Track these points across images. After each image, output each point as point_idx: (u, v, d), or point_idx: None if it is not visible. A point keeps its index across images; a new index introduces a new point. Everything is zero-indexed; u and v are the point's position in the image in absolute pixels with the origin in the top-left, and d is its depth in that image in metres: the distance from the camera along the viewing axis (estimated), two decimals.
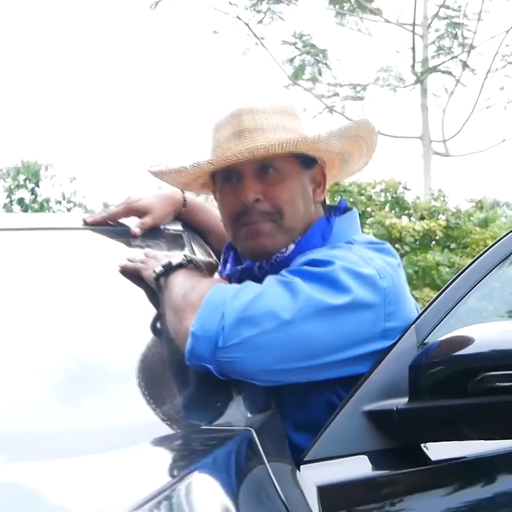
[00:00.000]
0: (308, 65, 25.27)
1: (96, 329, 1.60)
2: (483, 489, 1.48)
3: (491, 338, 1.41)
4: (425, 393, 1.42)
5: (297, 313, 1.44)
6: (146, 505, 0.92)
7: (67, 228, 2.01)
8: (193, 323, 1.44)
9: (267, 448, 1.21)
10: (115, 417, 1.31)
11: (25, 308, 1.64)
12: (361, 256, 1.56)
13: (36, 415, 1.33)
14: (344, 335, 1.47)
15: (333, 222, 1.70)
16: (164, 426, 1.33)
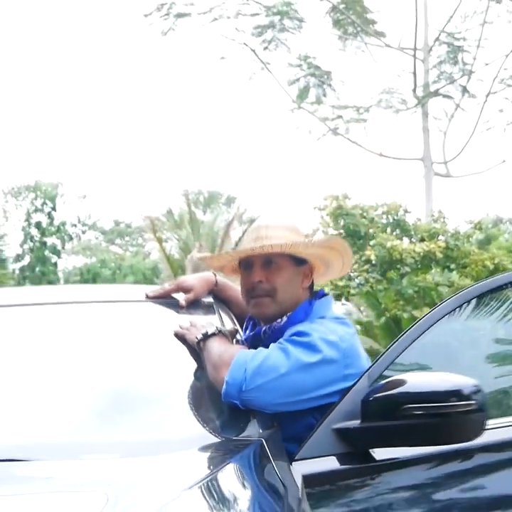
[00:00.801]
0: (313, 87, 25.99)
1: (155, 372, 2.46)
2: (408, 477, 2.34)
3: (412, 382, 2.26)
4: (370, 417, 2.27)
5: (289, 368, 2.32)
6: (195, 486, 1.70)
7: (135, 301, 2.88)
8: (227, 375, 2.30)
9: (272, 451, 2.06)
10: (173, 431, 2.16)
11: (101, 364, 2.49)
12: (329, 328, 2.46)
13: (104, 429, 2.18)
14: (319, 380, 2.34)
15: (314, 304, 2.61)
16: (208, 438, 2.16)
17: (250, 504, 1.70)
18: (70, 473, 1.84)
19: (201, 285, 2.86)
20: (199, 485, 1.69)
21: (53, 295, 3.24)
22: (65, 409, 2.25)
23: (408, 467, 2.34)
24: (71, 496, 1.65)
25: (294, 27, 25.38)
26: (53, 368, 2.44)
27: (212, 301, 2.86)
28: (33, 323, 2.72)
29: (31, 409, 2.24)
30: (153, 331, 2.69)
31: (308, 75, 25.73)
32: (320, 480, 2.24)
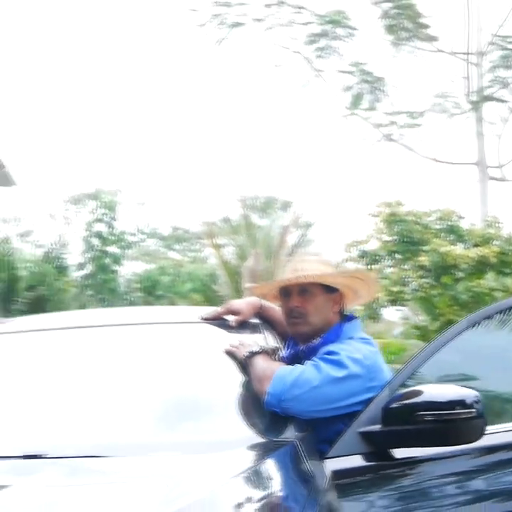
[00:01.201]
0: (366, 93, 26.29)
1: (209, 384, 2.94)
2: (422, 473, 2.78)
3: (424, 393, 2.70)
4: (390, 422, 2.71)
5: (321, 382, 2.77)
6: (241, 475, 2.18)
7: (192, 322, 3.37)
8: (269, 387, 2.76)
9: (304, 450, 2.51)
10: (226, 433, 2.63)
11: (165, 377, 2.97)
12: (355, 347, 2.91)
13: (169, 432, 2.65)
14: (345, 391, 2.80)
15: (343, 326, 3.07)
16: (253, 439, 2.62)
17: (282, 488, 2.18)
18: (141, 467, 2.32)
19: (248, 308, 3.34)
20: (243, 474, 2.18)
21: (119, 317, 3.75)
22: (137, 416, 2.74)
23: (422, 464, 2.78)
24: (140, 485, 2.11)
25: (346, 35, 25.73)
26: (126, 381, 2.93)
27: (258, 322, 3.34)
28: (109, 343, 3.23)
29: (109, 416, 2.73)
30: (208, 348, 3.16)
31: (361, 81, 26.01)
32: (347, 475, 2.68)
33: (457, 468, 2.81)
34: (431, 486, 2.77)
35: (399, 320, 27.25)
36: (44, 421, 2.72)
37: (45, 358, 3.13)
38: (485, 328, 3.06)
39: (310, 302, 3.09)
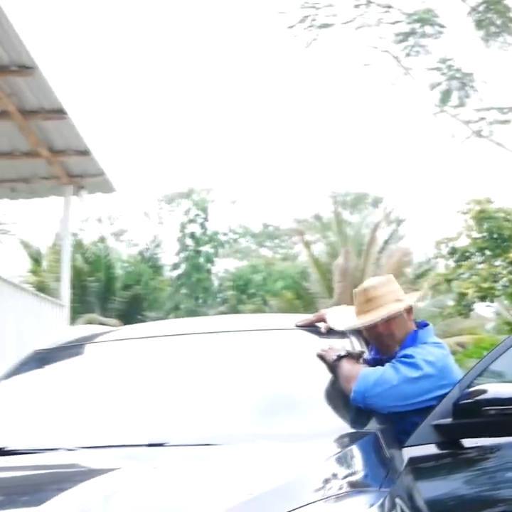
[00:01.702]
0: (455, 90, 26.28)
1: (304, 383, 3.43)
2: (489, 460, 3.21)
3: (489, 391, 3.13)
4: (460, 415, 3.14)
5: (399, 381, 3.22)
6: (332, 457, 2.67)
7: (288, 329, 3.85)
8: (354, 386, 3.22)
9: (384, 439, 2.97)
10: (320, 425, 3.10)
11: (266, 376, 3.47)
12: (428, 351, 3.36)
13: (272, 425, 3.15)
14: (420, 389, 3.24)
15: (418, 333, 3.51)
16: (343, 429, 3.08)
17: (363, 469, 2.68)
18: (245, 453, 2.81)
19: None
20: (332, 458, 2.67)
21: (226, 325, 4.28)
22: (242, 411, 3.25)
23: (488, 452, 3.21)
24: (243, 468, 2.60)
25: (435, 33, 25.78)
26: (233, 381, 3.44)
27: None
28: (217, 347, 3.74)
29: (219, 411, 3.25)
30: (302, 351, 3.64)
31: (450, 78, 26.00)
32: (422, 461, 3.13)
33: None
34: (495, 470, 3.19)
35: (491, 315, 27.27)
36: (166, 416, 3.25)
37: (163, 361, 3.67)
38: None
39: (393, 324, 3.53)
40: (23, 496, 2.55)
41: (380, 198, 49.45)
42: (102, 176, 13.00)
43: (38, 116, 11.34)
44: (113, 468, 2.71)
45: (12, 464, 2.93)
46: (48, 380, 3.83)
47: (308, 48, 26.43)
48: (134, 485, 2.50)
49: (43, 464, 2.92)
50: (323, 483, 2.45)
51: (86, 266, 24.45)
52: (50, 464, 2.92)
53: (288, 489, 2.33)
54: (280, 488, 2.32)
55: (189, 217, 29.06)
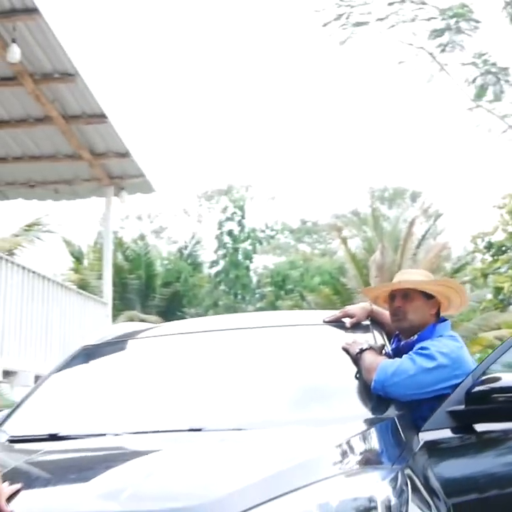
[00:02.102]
0: (491, 84, 26.31)
1: (331, 374, 3.74)
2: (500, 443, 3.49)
3: (500, 379, 3.41)
4: (471, 403, 3.43)
5: (415, 371, 3.52)
6: (355, 436, 2.99)
7: (317, 324, 4.17)
8: (375, 376, 3.52)
9: (401, 424, 3.27)
10: (344, 411, 3.41)
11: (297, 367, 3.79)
12: (444, 343, 3.64)
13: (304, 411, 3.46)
14: (435, 379, 3.53)
15: (436, 326, 3.79)
16: (365, 415, 3.39)
17: (379, 448, 3.02)
18: (275, 436, 3.12)
19: (361, 312, 4.12)
20: (353, 438, 2.98)
21: (262, 321, 4.61)
22: (274, 399, 3.57)
23: (498, 436, 3.49)
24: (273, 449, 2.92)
25: (470, 28, 25.83)
26: (266, 372, 3.77)
27: (369, 323, 4.10)
28: (254, 341, 4.08)
29: (254, 399, 3.58)
30: (328, 345, 3.95)
31: (485, 72, 26.03)
32: (437, 444, 3.42)
33: None
34: (505, 453, 3.47)
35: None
36: (205, 404, 3.58)
37: (202, 354, 4.01)
38: None
39: (410, 304, 3.86)
40: (73, 474, 2.89)
41: (419, 192, 49.47)
42: (142, 177, 13.41)
43: (79, 121, 11.81)
44: (155, 450, 3.04)
45: (64, 448, 3.27)
46: (95, 373, 4.19)
47: (342, 45, 26.70)
48: (172, 463, 2.83)
49: (92, 447, 3.26)
50: (341, 461, 2.77)
51: (126, 264, 24.90)
52: (97, 447, 3.25)
53: (309, 465, 2.64)
54: (302, 465, 2.64)
55: (226, 215, 29.45)
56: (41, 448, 3.20)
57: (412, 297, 3.87)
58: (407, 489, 2.65)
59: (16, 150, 12.88)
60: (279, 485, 2.48)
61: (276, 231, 30.83)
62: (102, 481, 2.69)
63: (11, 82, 10.78)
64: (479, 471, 3.47)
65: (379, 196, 50.04)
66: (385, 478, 2.60)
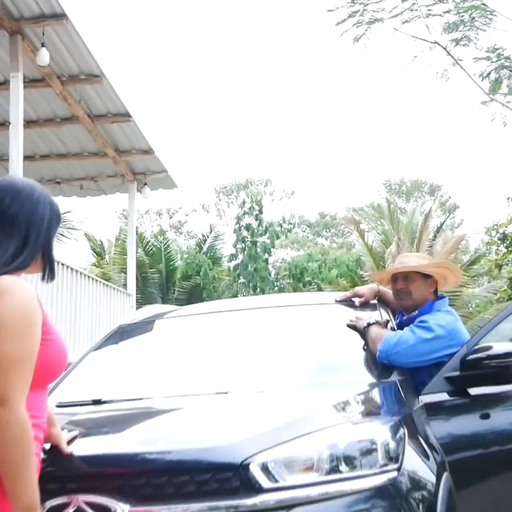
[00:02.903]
0: (505, 78, 26.55)
1: (341, 346, 4.21)
2: (491, 404, 3.94)
3: (490, 348, 3.87)
4: (466, 369, 3.89)
5: (415, 341, 3.99)
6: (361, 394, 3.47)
7: (330, 303, 4.65)
8: (379, 346, 3.99)
9: (402, 387, 3.74)
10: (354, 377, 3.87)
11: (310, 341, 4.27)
12: (441, 317, 4.12)
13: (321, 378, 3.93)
14: (433, 348, 4.00)
15: (435, 303, 4.27)
16: (371, 380, 3.87)
17: (380, 401, 3.52)
18: (292, 396, 3.58)
19: (369, 292, 4.60)
20: (358, 396, 3.47)
21: (279, 301, 5.10)
22: (293, 366, 4.05)
23: (490, 398, 3.95)
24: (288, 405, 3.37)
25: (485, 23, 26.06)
26: (284, 344, 4.25)
27: (376, 302, 4.58)
28: (273, 319, 4.57)
29: (273, 368, 4.05)
30: (340, 321, 4.42)
31: (500, 66, 26.25)
32: (435, 405, 3.88)
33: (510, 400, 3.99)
34: (495, 413, 3.94)
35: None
36: (230, 371, 4.06)
37: (226, 329, 4.52)
38: None
39: (410, 285, 4.35)
40: (117, 426, 3.38)
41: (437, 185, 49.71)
42: (164, 173, 13.90)
43: (104, 120, 12.30)
44: (184, 407, 3.53)
45: (107, 408, 3.75)
46: (131, 347, 4.70)
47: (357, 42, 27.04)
48: (199, 416, 3.34)
49: (130, 407, 3.73)
50: (348, 412, 3.28)
51: (147, 258, 25.37)
52: (135, 407, 3.72)
53: (320, 415, 3.13)
54: (314, 415, 3.13)
55: (244, 209, 29.93)
56: (87, 410, 3.70)
57: (412, 278, 4.34)
58: (404, 436, 3.11)
59: (43, 148, 13.38)
60: (293, 430, 2.95)
61: (293, 224, 31.27)
62: (141, 430, 3.24)
63: (39, 84, 11.23)
64: (473, 429, 3.94)
65: (396, 189, 50.35)
66: (385, 424, 3.08)
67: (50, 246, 2.58)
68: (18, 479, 2.26)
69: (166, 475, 2.77)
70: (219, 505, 2.70)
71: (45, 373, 2.44)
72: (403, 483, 2.94)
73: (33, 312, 2.38)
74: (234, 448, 2.84)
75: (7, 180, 2.64)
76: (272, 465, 2.78)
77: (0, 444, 2.25)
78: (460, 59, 26.48)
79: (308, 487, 2.78)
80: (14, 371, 2.29)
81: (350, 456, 2.87)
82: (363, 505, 2.81)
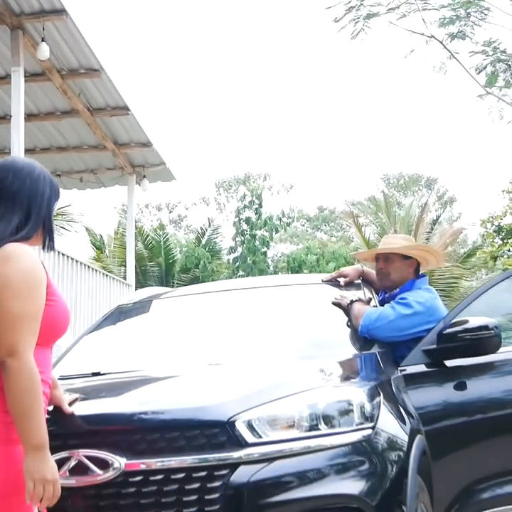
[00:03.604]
0: (501, 71, 26.72)
1: (326, 322, 4.47)
2: (465, 375, 4.20)
3: (465, 322, 4.12)
4: (442, 342, 4.15)
5: (395, 316, 4.25)
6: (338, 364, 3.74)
7: (316, 283, 4.92)
8: (361, 321, 4.24)
9: (381, 359, 3.99)
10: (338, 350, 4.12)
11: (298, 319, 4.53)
12: (420, 294, 4.38)
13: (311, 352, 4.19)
14: (412, 323, 4.26)
15: (416, 281, 4.54)
16: (354, 351, 4.12)
17: (359, 367, 3.80)
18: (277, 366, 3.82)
19: (354, 272, 4.86)
20: (338, 364, 3.74)
21: (269, 281, 5.37)
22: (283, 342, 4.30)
23: (464, 369, 4.21)
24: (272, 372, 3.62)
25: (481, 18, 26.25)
26: (271, 321, 4.51)
27: (360, 282, 4.84)
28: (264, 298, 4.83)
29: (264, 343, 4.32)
30: (325, 299, 4.68)
31: (495, 60, 26.43)
32: (413, 376, 4.12)
33: (485, 370, 4.26)
34: (469, 383, 4.19)
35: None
36: (222, 346, 4.32)
37: (219, 308, 4.80)
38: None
39: (390, 265, 4.61)
40: (115, 391, 3.65)
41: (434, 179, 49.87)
42: (163, 166, 14.14)
43: (103, 113, 12.56)
44: (178, 375, 3.78)
45: (106, 378, 4.00)
46: (130, 325, 4.96)
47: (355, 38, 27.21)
48: (191, 381, 3.61)
49: (128, 376, 3.94)
50: (328, 378, 3.55)
51: (146, 252, 25.58)
52: (133, 376, 3.93)
53: (302, 380, 3.41)
54: (296, 379, 3.41)
55: (244, 203, 30.18)
56: (87, 380, 3.96)
57: (392, 259, 4.61)
58: (380, 399, 3.37)
59: (43, 141, 13.63)
60: (277, 392, 3.23)
61: (291, 218, 31.52)
62: (137, 393, 3.55)
63: (39, 78, 11.47)
64: (448, 399, 4.20)
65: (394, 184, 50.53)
66: (361, 388, 3.35)
67: (50, 219, 2.83)
68: (29, 422, 2.52)
69: (159, 431, 3.04)
70: (208, 457, 2.96)
71: (50, 331, 2.69)
72: (377, 440, 3.21)
73: (39, 275, 2.63)
74: (221, 407, 3.10)
75: (9, 160, 2.89)
76: (257, 422, 3.04)
77: (11, 392, 2.51)
78: (456, 52, 26.76)
79: (290, 442, 3.05)
80: (22, 326, 2.54)
81: (328, 415, 3.13)
82: (341, 459, 3.07)
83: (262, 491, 2.95)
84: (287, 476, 2.98)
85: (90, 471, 2.99)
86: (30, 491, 2.51)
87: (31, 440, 2.53)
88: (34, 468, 2.52)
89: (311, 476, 3.01)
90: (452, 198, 46.89)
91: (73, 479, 2.99)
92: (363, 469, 3.09)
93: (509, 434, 4.22)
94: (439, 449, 3.93)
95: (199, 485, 2.94)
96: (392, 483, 3.17)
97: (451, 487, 4.06)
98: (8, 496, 2.50)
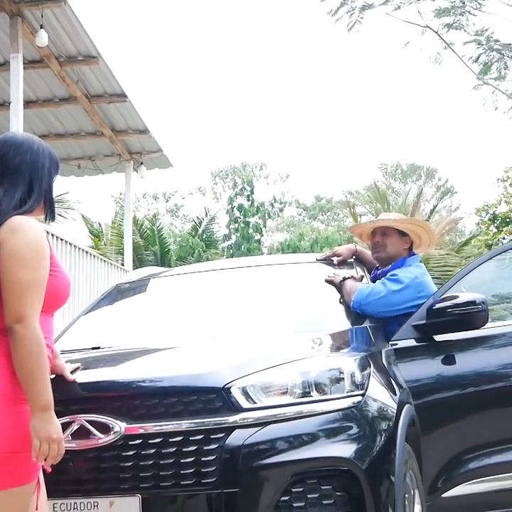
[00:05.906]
0: (495, 61, 26.74)
1: (319, 299, 4.61)
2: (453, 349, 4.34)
3: (454, 297, 4.26)
4: (431, 317, 4.28)
5: (386, 293, 4.39)
6: (330, 336, 3.89)
7: (311, 262, 5.06)
8: (353, 297, 4.37)
9: (372, 333, 4.13)
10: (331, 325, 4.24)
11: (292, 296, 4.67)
12: (410, 271, 4.52)
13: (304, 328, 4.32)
14: (402, 299, 4.40)
15: (407, 259, 4.68)
16: (346, 326, 4.24)
17: (350, 342, 3.93)
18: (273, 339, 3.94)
19: (347, 252, 5.00)
20: (330, 336, 3.88)
21: (262, 260, 5.50)
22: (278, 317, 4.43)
23: (453, 343, 4.35)
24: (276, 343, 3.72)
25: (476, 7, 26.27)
26: (267, 298, 4.65)
27: (353, 260, 4.97)
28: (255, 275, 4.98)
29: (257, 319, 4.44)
30: (319, 277, 4.81)
31: (488, 49, 26.44)
32: (404, 350, 4.25)
33: (473, 345, 4.40)
34: (457, 355, 4.33)
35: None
36: (218, 321, 4.45)
37: (215, 285, 4.93)
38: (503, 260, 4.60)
39: (387, 239, 4.75)
40: (115, 362, 3.80)
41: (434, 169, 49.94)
42: (160, 153, 14.26)
43: (101, 100, 12.67)
44: (176, 346, 3.92)
45: (106, 351, 4.13)
46: (128, 303, 5.09)
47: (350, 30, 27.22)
48: (189, 351, 3.76)
49: (129, 348, 4.08)
50: (320, 348, 3.69)
51: (142, 241, 25.68)
52: (133, 348, 4.06)
53: (295, 350, 3.55)
54: (290, 349, 3.56)
55: (236, 190, 30.32)
56: (88, 353, 4.08)
57: (388, 234, 4.74)
58: (370, 368, 3.51)
59: (41, 128, 13.69)
60: (271, 360, 3.38)
61: (284, 204, 31.65)
62: (136, 362, 3.71)
63: (38, 65, 11.58)
64: (437, 372, 4.33)
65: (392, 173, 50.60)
66: (352, 357, 3.49)
67: (50, 191, 2.96)
68: (35, 384, 2.65)
69: (158, 397, 3.18)
70: (204, 422, 3.10)
71: (53, 300, 2.82)
72: (367, 407, 3.35)
73: (43, 246, 2.76)
74: (217, 374, 3.25)
75: (9, 135, 3.00)
76: (251, 389, 3.19)
77: (18, 356, 2.64)
78: (452, 42, 26.81)
79: (283, 407, 3.19)
80: (28, 294, 2.67)
81: (320, 382, 3.28)
82: (332, 424, 3.22)
83: (256, 454, 3.09)
84: (280, 439, 3.13)
85: (92, 434, 3.13)
86: (37, 449, 2.64)
87: (38, 401, 2.65)
88: (40, 427, 2.65)
89: (303, 440, 3.15)
90: (451, 189, 46.95)
91: (75, 443, 3.13)
92: (353, 434, 3.24)
93: (496, 405, 4.36)
94: (428, 420, 4.05)
95: (196, 447, 3.08)
96: (381, 448, 3.30)
97: (439, 459, 4.18)
98: (16, 452, 2.64)
